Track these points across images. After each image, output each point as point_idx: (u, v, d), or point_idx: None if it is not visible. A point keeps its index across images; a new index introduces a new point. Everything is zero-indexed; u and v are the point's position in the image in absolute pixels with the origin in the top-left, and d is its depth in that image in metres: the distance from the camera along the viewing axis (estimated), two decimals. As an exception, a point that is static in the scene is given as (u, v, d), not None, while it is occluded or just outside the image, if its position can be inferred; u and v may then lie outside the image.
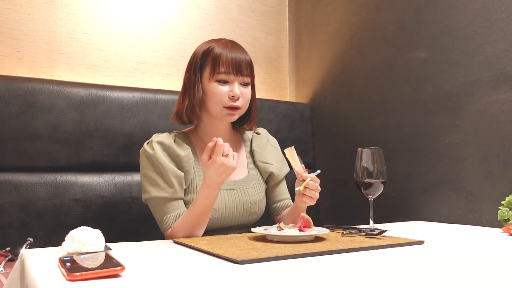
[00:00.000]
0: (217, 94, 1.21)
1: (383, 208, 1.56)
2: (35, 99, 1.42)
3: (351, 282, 0.66)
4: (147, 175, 1.19)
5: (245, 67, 1.23)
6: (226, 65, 1.20)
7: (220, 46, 1.23)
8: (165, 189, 1.16)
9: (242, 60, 1.23)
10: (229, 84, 1.22)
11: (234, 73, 1.21)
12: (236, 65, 1.21)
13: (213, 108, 1.23)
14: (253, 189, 1.29)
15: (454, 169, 1.44)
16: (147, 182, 1.19)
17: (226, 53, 1.21)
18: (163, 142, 1.21)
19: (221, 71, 1.20)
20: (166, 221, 1.16)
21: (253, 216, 1.29)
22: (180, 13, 1.93)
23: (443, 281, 0.66)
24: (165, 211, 1.17)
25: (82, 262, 0.71)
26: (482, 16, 1.38)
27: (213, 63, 1.21)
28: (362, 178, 1.17)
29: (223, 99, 1.21)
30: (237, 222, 1.26)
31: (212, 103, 1.22)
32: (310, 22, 2.12)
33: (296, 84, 2.21)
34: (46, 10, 1.65)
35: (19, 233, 1.33)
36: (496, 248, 0.97)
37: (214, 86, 1.21)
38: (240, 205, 1.25)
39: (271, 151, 1.39)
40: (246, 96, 1.25)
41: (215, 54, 1.21)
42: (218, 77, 1.21)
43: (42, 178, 1.40)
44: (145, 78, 1.83)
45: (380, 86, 1.73)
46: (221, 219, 1.22)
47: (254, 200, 1.28)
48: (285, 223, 1.16)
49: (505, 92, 1.32)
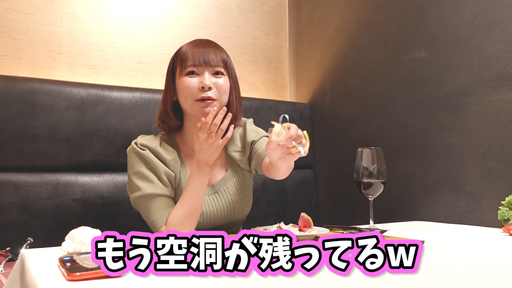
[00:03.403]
0: (186, 87, 1.16)
1: (383, 208, 1.56)
2: (35, 99, 1.42)
3: (351, 282, 0.66)
4: (139, 172, 1.15)
5: (214, 58, 1.18)
6: (193, 58, 1.17)
7: (187, 45, 1.21)
8: (159, 185, 1.14)
9: (211, 52, 1.18)
10: (199, 76, 1.17)
11: (202, 64, 1.16)
12: (204, 56, 1.17)
13: (186, 104, 1.18)
14: (234, 187, 1.25)
15: (454, 169, 1.44)
16: (139, 180, 1.14)
17: (192, 48, 1.19)
18: (148, 145, 1.18)
19: (189, 64, 1.16)
20: (160, 219, 1.12)
21: (239, 214, 1.26)
22: (180, 13, 1.93)
23: (443, 281, 0.66)
24: (157, 208, 1.13)
25: (82, 262, 0.71)
26: (482, 16, 1.38)
27: (181, 60, 1.19)
28: (362, 178, 1.17)
29: (192, 91, 1.15)
30: (224, 221, 1.24)
31: (183, 98, 1.17)
32: (310, 22, 2.12)
33: (296, 84, 2.21)
34: (46, 10, 1.65)
35: (19, 233, 1.33)
36: (496, 248, 0.97)
37: (183, 80, 1.17)
38: (223, 207, 1.22)
39: (248, 136, 1.28)
40: (220, 87, 1.17)
41: (182, 52, 1.19)
42: (186, 70, 1.17)
43: (42, 178, 1.40)
44: (145, 78, 1.83)
45: (380, 86, 1.73)
46: (207, 222, 1.20)
47: (235, 199, 1.24)
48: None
49: (505, 92, 1.32)
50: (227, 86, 1.20)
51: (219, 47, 1.23)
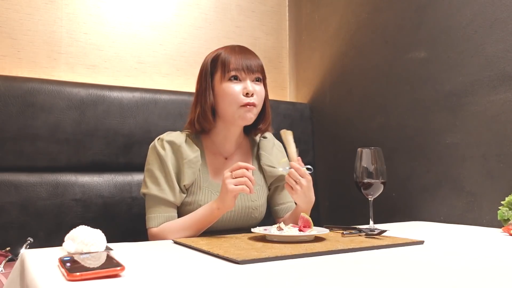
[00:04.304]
0: (231, 94, 1.20)
1: (383, 208, 1.56)
2: (35, 99, 1.42)
3: (351, 282, 0.66)
4: (151, 171, 1.20)
5: (255, 65, 1.23)
6: (236, 63, 1.21)
7: (228, 51, 1.25)
8: (165, 190, 1.19)
9: (252, 59, 1.24)
10: (242, 82, 1.22)
11: (245, 71, 1.21)
12: (246, 63, 1.22)
13: (229, 109, 1.21)
14: (256, 195, 1.29)
15: (454, 169, 1.44)
16: (150, 178, 1.20)
17: (235, 54, 1.23)
18: (174, 141, 1.22)
19: (232, 68, 1.21)
20: (154, 220, 1.18)
21: (253, 221, 1.29)
22: (180, 13, 1.93)
23: (443, 281, 0.66)
24: (156, 210, 1.19)
25: (82, 262, 0.71)
26: (482, 16, 1.38)
27: (222, 65, 1.22)
28: (362, 178, 1.17)
29: (237, 97, 1.20)
30: (236, 225, 1.27)
31: (228, 103, 1.21)
32: (310, 22, 2.12)
33: (296, 84, 2.21)
34: (46, 10, 1.65)
35: (19, 233, 1.33)
36: (496, 248, 0.97)
37: (227, 86, 1.21)
38: (242, 209, 1.26)
39: (278, 155, 1.38)
40: (260, 93, 1.24)
41: (224, 57, 1.23)
42: (230, 75, 1.21)
43: (42, 178, 1.40)
44: (145, 78, 1.83)
45: (380, 86, 1.73)
46: (221, 221, 1.22)
47: (255, 205, 1.29)
48: (286, 224, 1.16)
49: (505, 92, 1.32)
50: (263, 92, 1.27)
51: (256, 55, 1.28)
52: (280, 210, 1.37)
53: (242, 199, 1.26)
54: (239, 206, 1.25)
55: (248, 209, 1.27)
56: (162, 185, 1.19)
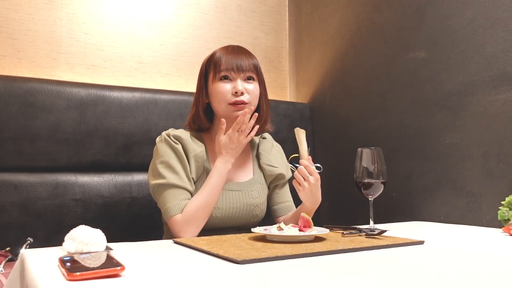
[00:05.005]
0: (220, 92, 1.23)
1: (383, 208, 1.56)
2: (35, 99, 1.42)
3: (351, 282, 0.66)
4: (167, 162, 1.19)
5: (247, 64, 1.25)
6: (226, 63, 1.24)
7: (221, 51, 1.28)
8: (183, 179, 1.19)
9: (244, 59, 1.25)
10: (232, 82, 1.24)
11: (235, 70, 1.23)
12: (237, 63, 1.24)
13: (219, 107, 1.25)
14: (257, 192, 1.31)
15: (454, 169, 1.44)
16: (165, 169, 1.19)
17: (226, 54, 1.26)
18: (180, 136, 1.23)
19: (222, 69, 1.23)
20: (176, 208, 1.15)
21: (254, 219, 1.30)
22: (180, 13, 1.93)
23: (443, 281, 0.66)
24: (177, 197, 1.17)
25: (82, 262, 0.71)
26: (482, 16, 1.38)
27: (214, 66, 1.25)
28: (362, 178, 1.17)
29: (226, 96, 1.23)
30: (237, 223, 1.27)
31: (217, 102, 1.24)
32: (310, 22, 2.12)
33: (296, 84, 2.21)
34: (46, 10, 1.65)
35: (19, 233, 1.33)
36: (496, 248, 0.97)
37: (217, 85, 1.24)
38: (243, 206, 1.26)
39: (276, 155, 1.39)
40: (252, 92, 1.25)
41: (216, 58, 1.26)
42: (220, 75, 1.24)
43: (42, 178, 1.40)
44: (145, 78, 1.83)
45: (380, 86, 1.73)
46: (223, 219, 1.23)
47: (256, 203, 1.29)
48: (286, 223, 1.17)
49: (505, 92, 1.32)
50: (257, 91, 1.28)
51: (250, 54, 1.30)
52: (279, 209, 1.37)
53: (244, 197, 1.27)
54: (241, 204, 1.26)
55: (249, 206, 1.27)
56: (181, 174, 1.19)
